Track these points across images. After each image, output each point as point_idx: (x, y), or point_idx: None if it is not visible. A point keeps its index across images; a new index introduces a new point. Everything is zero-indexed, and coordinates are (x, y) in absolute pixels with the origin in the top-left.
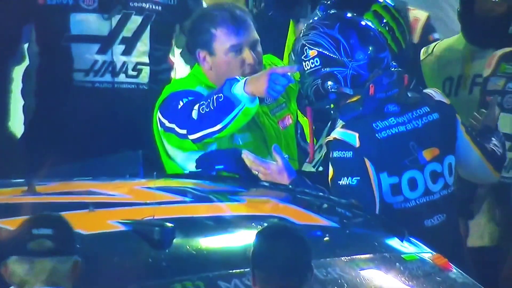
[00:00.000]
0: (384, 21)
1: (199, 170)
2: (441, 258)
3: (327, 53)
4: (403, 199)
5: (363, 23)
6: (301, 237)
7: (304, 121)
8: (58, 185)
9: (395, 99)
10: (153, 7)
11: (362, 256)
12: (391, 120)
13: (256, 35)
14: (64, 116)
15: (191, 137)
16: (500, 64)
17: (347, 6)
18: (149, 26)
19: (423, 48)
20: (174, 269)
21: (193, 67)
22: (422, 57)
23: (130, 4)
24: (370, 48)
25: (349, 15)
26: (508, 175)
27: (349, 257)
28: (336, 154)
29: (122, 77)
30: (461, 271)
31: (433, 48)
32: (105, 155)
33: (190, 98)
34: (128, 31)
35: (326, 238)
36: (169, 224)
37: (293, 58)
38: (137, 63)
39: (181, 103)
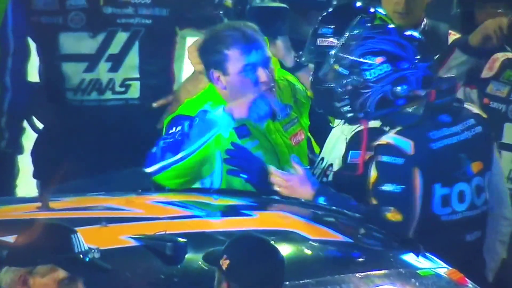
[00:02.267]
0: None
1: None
2: (457, 273)
3: (397, 57)
4: (451, 211)
5: (409, 33)
6: (275, 253)
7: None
8: (71, 200)
9: (447, 109)
10: (142, 21)
11: (377, 272)
12: (444, 130)
13: (268, 53)
14: (59, 134)
15: (152, 168)
16: (505, 70)
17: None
18: (137, 41)
19: None
20: (186, 285)
21: (208, 86)
22: None
23: (117, 21)
24: (430, 51)
25: (392, 26)
26: (511, 186)
27: (364, 273)
28: (385, 158)
29: (108, 94)
30: (477, 286)
31: None
32: (117, 170)
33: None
34: (114, 47)
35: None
36: (181, 239)
37: (345, 72)
38: (125, 79)
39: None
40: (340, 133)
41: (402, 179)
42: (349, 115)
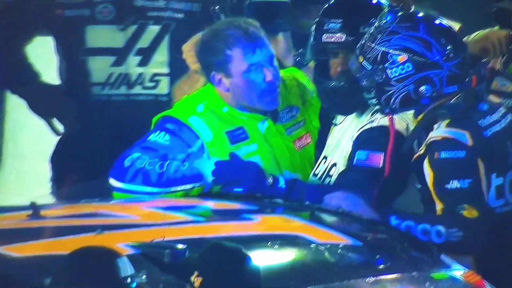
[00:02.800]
0: None
1: (215, 183)
2: (474, 275)
3: (420, 56)
4: (504, 203)
5: (438, 21)
6: (249, 261)
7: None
8: (64, 208)
9: (482, 97)
10: (174, 15)
11: (389, 276)
12: (488, 118)
13: (271, 50)
14: (84, 131)
15: (116, 183)
16: (508, 65)
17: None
18: (168, 36)
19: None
20: None
21: (205, 85)
22: None
23: (148, 14)
24: (459, 45)
25: (421, 14)
26: None
27: (374, 278)
28: (444, 154)
29: (138, 89)
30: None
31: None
32: None
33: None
34: (144, 41)
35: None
36: (180, 246)
37: (368, 67)
38: (155, 74)
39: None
40: (345, 131)
41: (467, 172)
42: (377, 107)
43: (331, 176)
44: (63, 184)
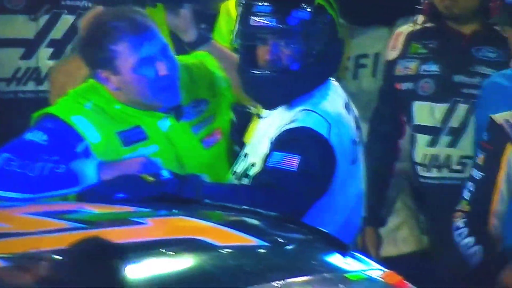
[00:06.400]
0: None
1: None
2: (394, 276)
3: None
4: None
5: None
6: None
7: None
8: None
9: None
10: (91, 4)
11: (298, 279)
12: None
13: (163, 40)
14: None
15: None
16: (410, 44)
17: None
18: None
19: None
20: None
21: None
22: None
23: (62, 2)
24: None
25: None
26: (428, 174)
27: (282, 281)
28: None
29: (47, 85)
30: None
31: None
32: None
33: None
34: (57, 32)
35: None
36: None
37: None
38: None
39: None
40: (268, 127)
41: None
42: None
43: (248, 177)
44: None
